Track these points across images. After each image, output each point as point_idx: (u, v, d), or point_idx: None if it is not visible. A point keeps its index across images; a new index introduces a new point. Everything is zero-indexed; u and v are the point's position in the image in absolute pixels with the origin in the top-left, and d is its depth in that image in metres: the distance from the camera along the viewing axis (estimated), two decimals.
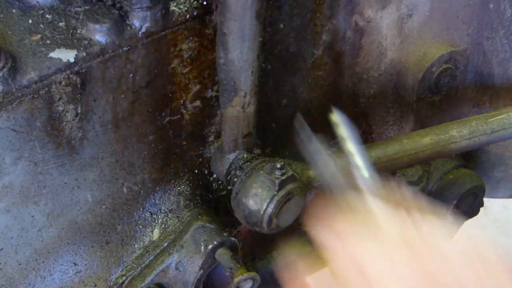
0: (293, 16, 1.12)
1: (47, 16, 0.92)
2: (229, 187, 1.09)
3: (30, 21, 0.91)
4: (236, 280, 1.05)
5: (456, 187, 1.41)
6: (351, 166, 0.97)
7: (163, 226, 1.14)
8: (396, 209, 0.86)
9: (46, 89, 0.87)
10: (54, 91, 0.88)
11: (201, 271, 1.09)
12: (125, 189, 1.07)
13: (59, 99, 0.90)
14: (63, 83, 0.89)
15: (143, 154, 1.06)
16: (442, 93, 1.41)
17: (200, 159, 1.16)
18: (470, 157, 1.54)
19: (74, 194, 1.00)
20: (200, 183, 1.18)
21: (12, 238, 0.97)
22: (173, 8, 0.96)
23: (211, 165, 1.14)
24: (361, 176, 0.93)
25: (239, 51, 0.92)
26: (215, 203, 1.22)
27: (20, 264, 1.00)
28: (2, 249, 0.97)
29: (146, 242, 1.13)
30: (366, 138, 1.43)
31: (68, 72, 0.88)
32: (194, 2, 0.98)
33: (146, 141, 1.05)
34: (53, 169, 0.95)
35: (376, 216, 0.86)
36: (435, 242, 0.82)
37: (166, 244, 1.12)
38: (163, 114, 1.05)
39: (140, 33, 0.94)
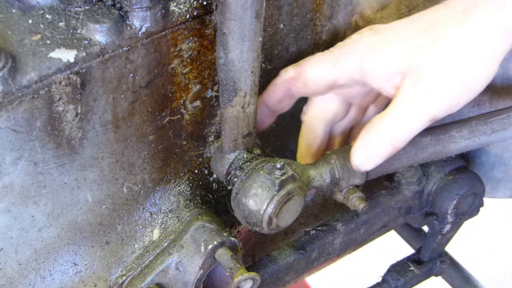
0: (293, 16, 1.12)
1: (47, 16, 0.92)
2: (229, 187, 1.09)
3: (30, 21, 0.91)
4: (236, 280, 1.05)
5: (456, 187, 1.41)
6: None
7: (163, 226, 1.14)
8: None
9: (46, 89, 0.87)
10: (54, 91, 0.88)
11: (201, 271, 1.09)
12: (125, 189, 1.07)
13: (59, 99, 0.89)
14: (63, 83, 0.89)
15: (143, 154, 1.06)
16: None
17: (200, 159, 1.16)
18: (470, 157, 1.54)
19: (74, 194, 1.00)
20: (200, 183, 1.18)
21: (12, 238, 0.97)
22: (173, 8, 0.96)
23: (211, 165, 1.14)
24: None
25: (239, 51, 0.92)
26: (215, 203, 1.22)
27: (20, 264, 1.00)
28: (2, 249, 0.97)
29: (146, 242, 1.13)
30: None
31: (68, 72, 0.88)
32: (194, 2, 0.98)
33: (146, 141, 1.05)
34: (53, 169, 0.95)
35: None
36: None
37: (166, 244, 1.12)
38: (163, 114, 1.05)
39: (140, 33, 0.94)
